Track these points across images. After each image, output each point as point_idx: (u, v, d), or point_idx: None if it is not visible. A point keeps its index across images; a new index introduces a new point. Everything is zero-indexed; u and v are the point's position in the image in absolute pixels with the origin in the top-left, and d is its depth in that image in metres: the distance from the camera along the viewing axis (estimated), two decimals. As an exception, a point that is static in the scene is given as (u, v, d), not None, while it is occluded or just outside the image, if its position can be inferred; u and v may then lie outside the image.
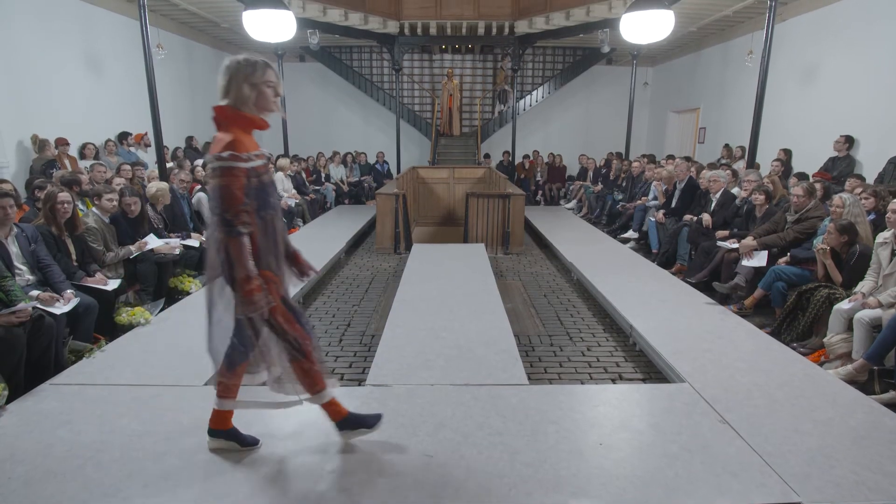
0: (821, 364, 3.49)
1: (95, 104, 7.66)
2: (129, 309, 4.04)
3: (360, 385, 3.25)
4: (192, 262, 5.19)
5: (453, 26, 10.70)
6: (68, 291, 3.51)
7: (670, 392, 3.04)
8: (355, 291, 5.49)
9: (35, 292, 3.35)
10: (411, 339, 3.70)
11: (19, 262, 3.50)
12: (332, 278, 5.96)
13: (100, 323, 3.74)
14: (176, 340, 3.65)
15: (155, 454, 2.38)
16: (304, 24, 9.24)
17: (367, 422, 2.44)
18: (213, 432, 2.41)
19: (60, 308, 3.34)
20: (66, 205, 3.89)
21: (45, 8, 6.77)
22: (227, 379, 2.26)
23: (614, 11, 8.96)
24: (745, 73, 8.91)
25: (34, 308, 3.09)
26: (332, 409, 2.40)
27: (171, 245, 4.80)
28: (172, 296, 4.74)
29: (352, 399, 2.88)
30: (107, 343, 3.61)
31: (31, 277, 3.53)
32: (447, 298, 4.60)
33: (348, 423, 2.43)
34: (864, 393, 2.99)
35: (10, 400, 2.80)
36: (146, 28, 5.56)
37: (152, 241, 4.66)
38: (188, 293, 4.76)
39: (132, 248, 4.46)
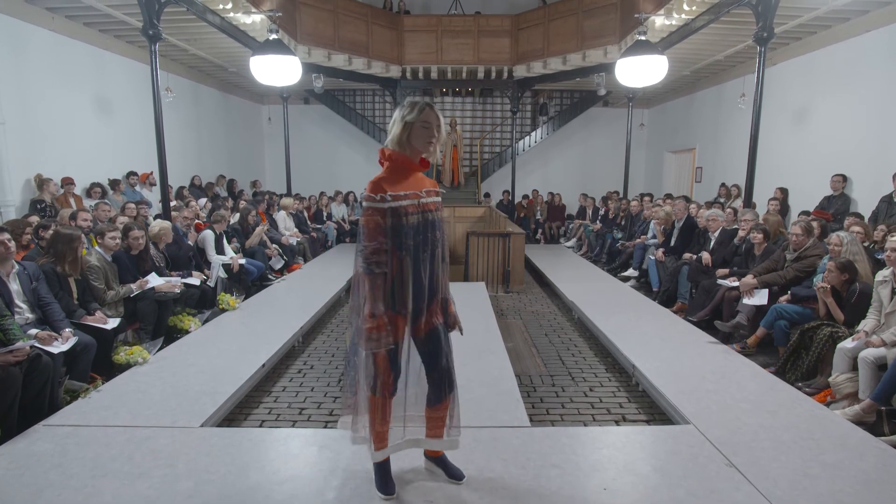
0: (827, 404, 3.43)
1: (103, 145, 7.82)
2: (128, 348, 4.01)
3: (358, 426, 3.19)
4: (193, 300, 5.19)
5: (454, 70, 11.04)
6: (67, 330, 3.50)
7: (675, 434, 2.98)
8: (355, 330, 5.45)
9: (33, 331, 3.34)
10: (411, 380, 3.64)
11: (20, 300, 3.50)
12: (332, 317, 5.93)
13: (97, 362, 3.71)
14: (173, 380, 3.61)
15: (147, 499, 2.32)
16: (309, 68, 9.54)
17: (451, 470, 2.45)
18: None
19: (58, 347, 3.32)
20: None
21: (60, 52, 7.01)
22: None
23: (609, 56, 9.27)
24: (738, 115, 9.12)
25: (32, 347, 3.07)
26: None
27: (172, 283, 4.80)
28: (171, 334, 4.71)
29: (350, 442, 2.83)
30: (103, 382, 3.57)
31: (30, 316, 3.52)
32: (447, 337, 4.56)
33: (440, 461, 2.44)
34: (872, 434, 2.93)
35: (2, 441, 2.74)
36: (156, 73, 5.74)
37: (153, 280, 4.67)
38: (187, 332, 4.73)
39: (133, 286, 4.46)
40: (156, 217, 6.49)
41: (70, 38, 7.16)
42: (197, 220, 6.38)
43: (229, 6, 6.88)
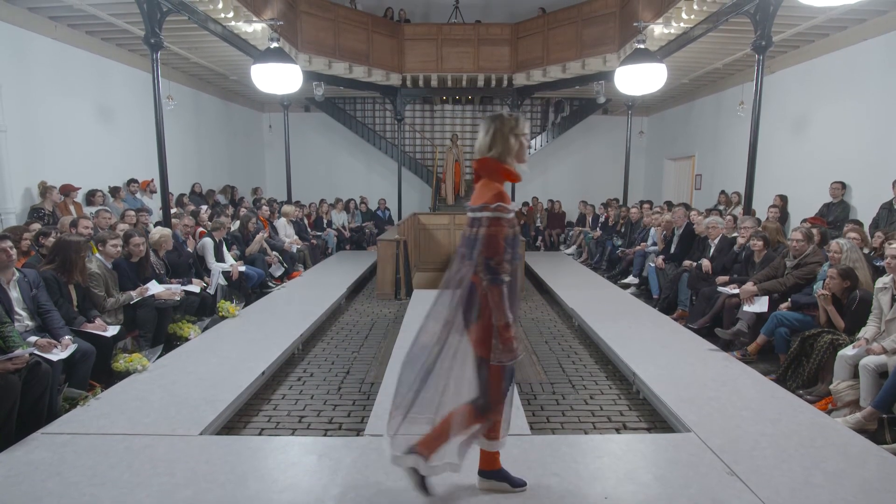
0: (828, 412, 3.41)
1: (104, 152, 7.85)
2: (127, 355, 4.00)
3: (358, 435, 3.18)
4: (193, 307, 5.18)
5: (454, 78, 11.09)
6: (66, 338, 3.49)
7: (676, 442, 2.97)
8: (355, 338, 5.44)
9: (33, 338, 3.33)
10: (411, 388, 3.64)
11: (19, 308, 3.50)
12: (331, 324, 5.92)
13: (96, 369, 3.70)
14: (173, 388, 3.60)
15: (146, 508, 2.31)
16: (310, 76, 9.59)
17: (512, 480, 2.41)
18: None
19: (58, 355, 3.31)
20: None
21: (62, 60, 7.05)
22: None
23: (609, 65, 9.32)
24: (737, 122, 9.16)
25: (31, 355, 3.06)
26: (490, 457, 2.37)
27: (172, 291, 4.80)
28: (171, 342, 4.70)
29: (350, 450, 2.82)
30: (102, 390, 3.56)
31: (30, 323, 3.51)
32: (448, 345, 4.55)
33: (495, 475, 2.39)
34: (874, 442, 2.92)
35: (0, 450, 2.73)
36: (158, 81, 5.77)
37: (154, 287, 4.66)
38: (187, 339, 4.73)
39: (133, 293, 4.46)
40: (156, 224, 6.50)
41: (72, 47, 7.20)
42: (201, 229, 6.39)
43: (230, 15, 6.92)
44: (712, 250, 5.99)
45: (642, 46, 7.31)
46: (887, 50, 6.44)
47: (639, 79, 7.34)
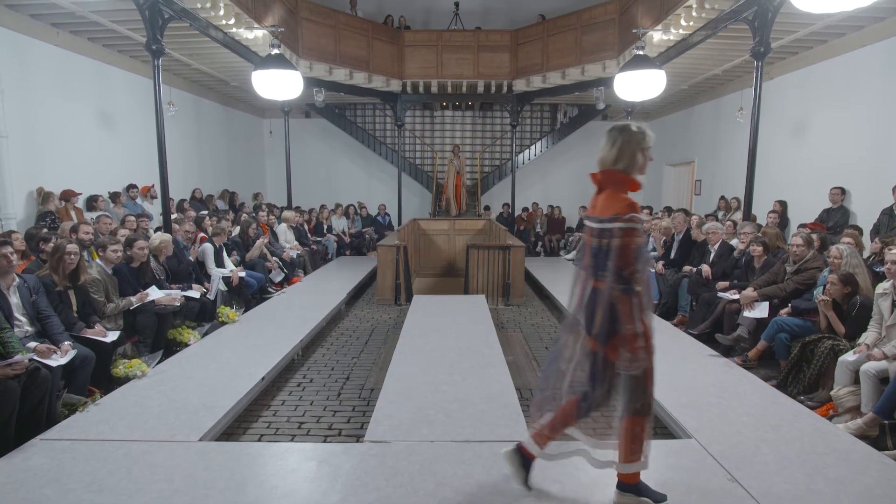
0: (830, 418, 3.41)
1: (105, 158, 7.86)
2: (127, 361, 3.99)
3: (358, 441, 3.17)
4: (192, 313, 5.18)
5: (454, 85, 11.14)
6: (66, 343, 3.49)
7: (677, 448, 2.96)
8: (355, 344, 5.43)
9: (32, 344, 3.33)
10: (411, 394, 3.64)
11: (19, 314, 3.50)
12: (331, 330, 5.92)
13: (96, 375, 3.69)
14: (172, 394, 3.59)
15: (144, 515, 2.30)
16: (311, 82, 9.63)
17: (653, 495, 2.35)
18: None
19: (57, 360, 3.30)
20: (72, 255, 3.94)
21: (64, 67, 7.08)
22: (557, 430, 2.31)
23: (608, 71, 9.36)
24: (736, 128, 9.18)
25: (30, 360, 3.06)
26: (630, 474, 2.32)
27: (172, 297, 4.79)
28: (171, 347, 4.69)
29: (350, 457, 2.82)
30: (101, 396, 3.55)
31: (30, 329, 3.51)
32: (448, 351, 4.55)
33: (635, 489, 2.33)
34: (876, 448, 2.91)
35: (-2, 456, 2.72)
36: (159, 87, 5.79)
37: (153, 293, 4.66)
38: (187, 345, 4.72)
39: (133, 299, 4.46)
40: (156, 230, 6.51)
41: (74, 53, 7.24)
42: (202, 234, 6.39)
43: (232, 21, 6.96)
44: (712, 256, 5.98)
45: (641, 53, 7.34)
46: (886, 56, 6.47)
47: (638, 85, 7.37)
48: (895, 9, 6.01)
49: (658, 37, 7.72)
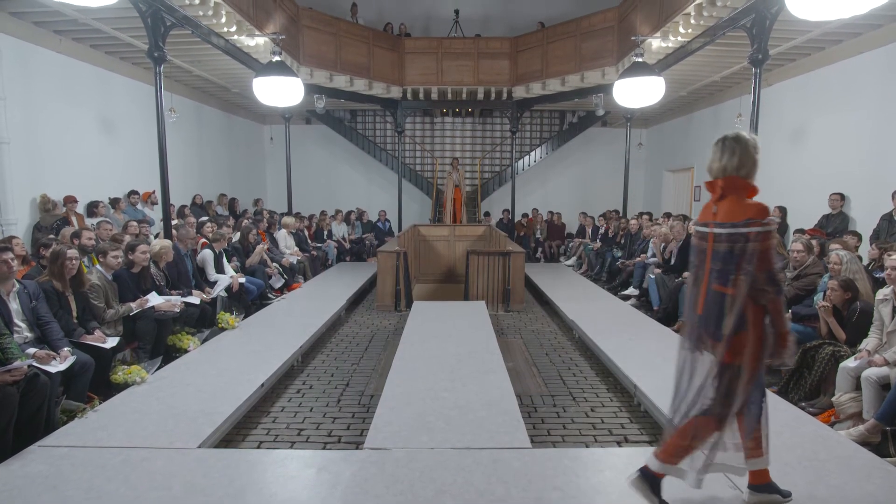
0: (831, 424, 3.39)
1: (107, 163, 7.89)
2: (126, 367, 3.99)
3: (357, 448, 3.16)
4: (192, 319, 5.17)
5: (454, 91, 11.19)
6: (65, 350, 3.48)
7: (678, 455, 2.93)
8: (355, 350, 5.42)
9: (31, 350, 3.32)
10: (411, 400, 3.63)
11: (19, 319, 3.50)
12: (331, 336, 5.91)
13: (95, 381, 3.68)
14: (171, 400, 3.58)
15: (142, 522, 2.28)
16: (311, 89, 9.68)
17: (781, 491, 2.42)
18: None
19: (56, 367, 3.30)
20: (73, 261, 3.94)
21: (66, 73, 7.12)
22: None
23: (607, 78, 9.40)
24: (735, 135, 9.19)
25: (29, 367, 3.05)
26: (760, 471, 2.39)
27: (171, 303, 4.79)
28: (170, 353, 4.68)
29: (349, 464, 2.81)
30: (100, 402, 3.54)
31: (29, 335, 3.51)
32: (448, 357, 4.54)
33: (766, 488, 2.40)
34: (878, 455, 2.90)
35: (-4, 463, 2.71)
36: (160, 94, 5.82)
37: (153, 299, 4.66)
38: (186, 351, 4.71)
39: (133, 305, 4.46)
40: (156, 236, 6.51)
41: (76, 60, 7.28)
42: (203, 240, 6.40)
43: (233, 29, 7.00)
44: (712, 262, 5.97)
45: (640, 60, 7.37)
46: (884, 62, 6.50)
47: (637, 92, 7.41)
48: (892, 16, 6.04)
49: (657, 44, 7.76)
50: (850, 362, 3.50)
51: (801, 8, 4.16)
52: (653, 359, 4.48)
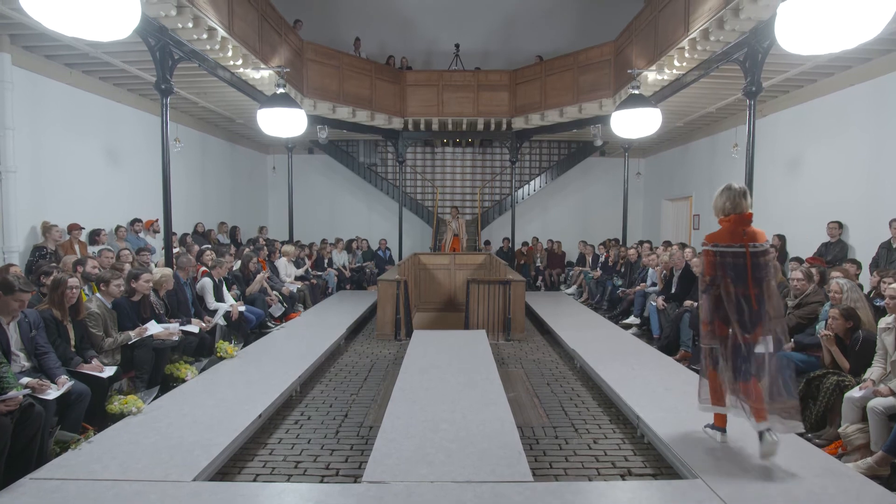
0: (839, 456, 3.33)
1: (111, 192, 7.98)
2: (122, 397, 3.94)
3: (356, 482, 3.09)
4: (191, 348, 5.14)
5: (454, 122, 11.39)
6: (63, 377, 3.45)
7: (683, 489, 2.88)
8: (354, 380, 5.36)
9: (26, 379, 3.29)
10: (411, 432, 3.57)
11: (17, 349, 3.48)
12: (330, 365, 5.85)
13: (91, 411, 3.64)
14: (167, 431, 3.52)
15: (133, 559, 2.22)
16: (315, 120, 9.85)
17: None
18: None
19: (53, 393, 3.26)
20: (74, 290, 3.94)
21: (74, 105, 7.27)
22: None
23: (605, 109, 9.58)
24: (732, 164, 9.31)
25: (25, 396, 3.01)
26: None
27: (170, 331, 4.76)
28: (168, 383, 4.63)
29: (347, 498, 2.75)
30: (95, 433, 3.49)
31: (27, 364, 3.48)
32: (448, 388, 4.49)
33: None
34: (888, 489, 2.83)
35: (-14, 497, 2.65)
36: (166, 125, 5.93)
37: (152, 328, 4.63)
38: (184, 380, 4.66)
39: (132, 333, 4.43)
40: (156, 264, 6.53)
41: (84, 91, 7.44)
42: (203, 268, 6.41)
43: (240, 62, 7.18)
44: (713, 290, 5.96)
45: (637, 92, 7.53)
46: (874, 94, 6.63)
47: (634, 123, 7.53)
48: (881, 50, 6.19)
49: (652, 76, 7.93)
50: (856, 392, 3.46)
51: (792, 43, 4.28)
52: (655, 389, 4.42)
